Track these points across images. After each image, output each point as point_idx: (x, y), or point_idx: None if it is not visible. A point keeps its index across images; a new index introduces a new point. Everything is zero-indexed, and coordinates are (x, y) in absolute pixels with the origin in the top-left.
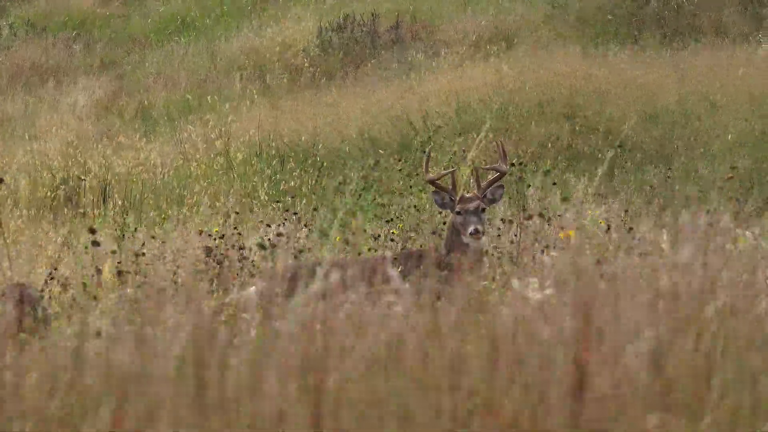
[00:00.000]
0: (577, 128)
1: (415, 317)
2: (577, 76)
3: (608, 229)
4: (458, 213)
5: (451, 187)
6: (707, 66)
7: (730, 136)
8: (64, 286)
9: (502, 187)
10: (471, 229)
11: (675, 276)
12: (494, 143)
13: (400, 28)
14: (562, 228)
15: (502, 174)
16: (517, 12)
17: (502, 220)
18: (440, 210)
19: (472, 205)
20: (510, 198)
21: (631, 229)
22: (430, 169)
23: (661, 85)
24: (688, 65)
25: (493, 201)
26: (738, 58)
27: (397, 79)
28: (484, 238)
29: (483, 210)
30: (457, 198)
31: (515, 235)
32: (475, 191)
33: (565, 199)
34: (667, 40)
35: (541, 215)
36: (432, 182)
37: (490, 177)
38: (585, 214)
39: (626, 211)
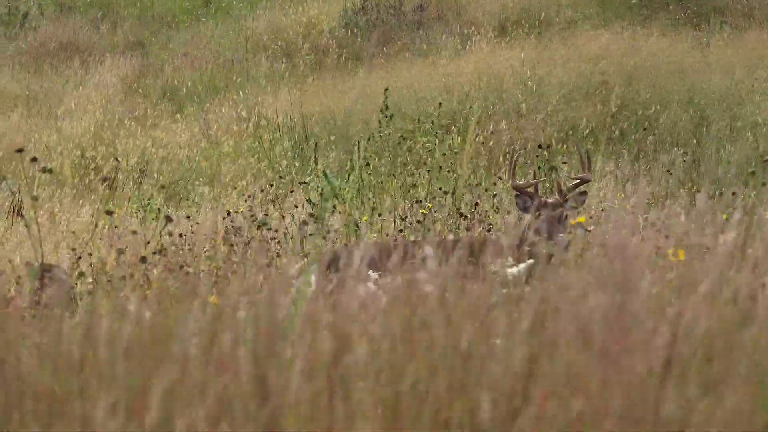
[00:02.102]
0: (602, 110)
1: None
2: (605, 58)
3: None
4: (542, 219)
5: (533, 191)
6: (735, 49)
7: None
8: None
9: (585, 193)
10: (559, 237)
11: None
12: (576, 150)
13: (425, 8)
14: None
15: (585, 181)
16: None
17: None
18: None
19: (557, 213)
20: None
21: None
22: (512, 175)
23: (689, 66)
24: (715, 48)
25: (575, 207)
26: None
27: (423, 61)
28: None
29: (566, 217)
30: (539, 203)
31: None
32: (557, 197)
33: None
34: (691, 22)
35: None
36: (516, 187)
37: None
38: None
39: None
